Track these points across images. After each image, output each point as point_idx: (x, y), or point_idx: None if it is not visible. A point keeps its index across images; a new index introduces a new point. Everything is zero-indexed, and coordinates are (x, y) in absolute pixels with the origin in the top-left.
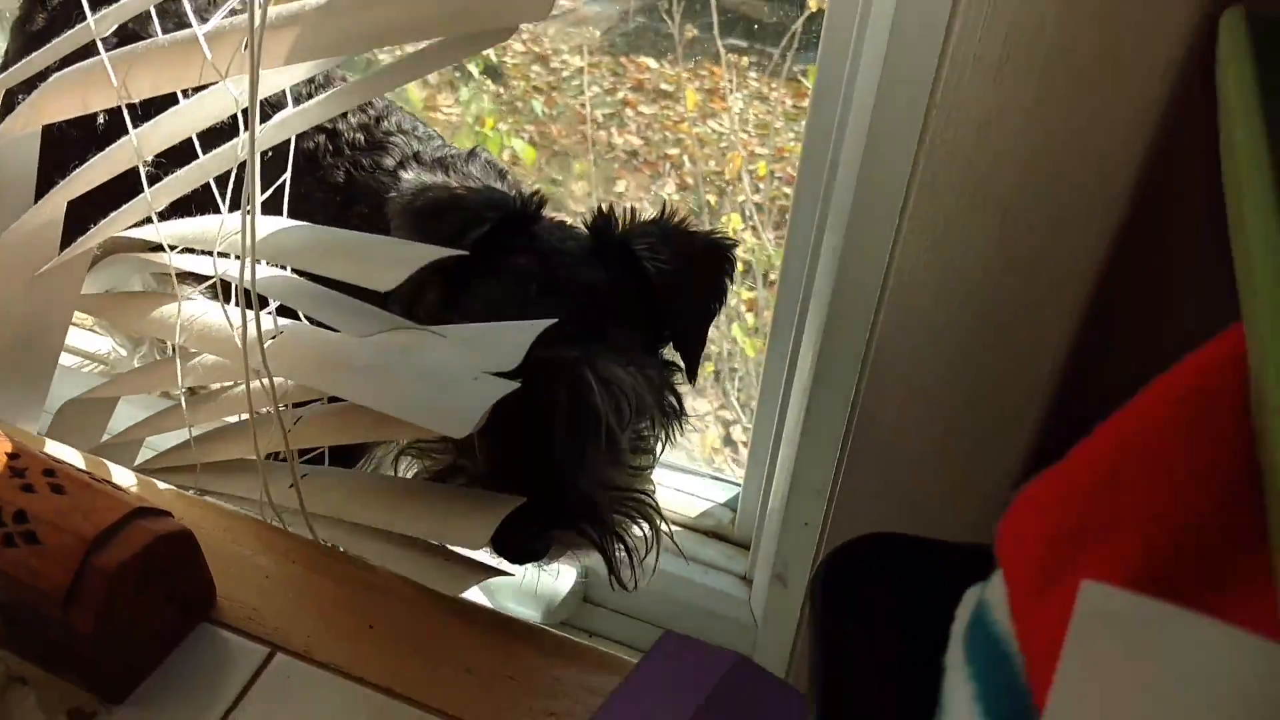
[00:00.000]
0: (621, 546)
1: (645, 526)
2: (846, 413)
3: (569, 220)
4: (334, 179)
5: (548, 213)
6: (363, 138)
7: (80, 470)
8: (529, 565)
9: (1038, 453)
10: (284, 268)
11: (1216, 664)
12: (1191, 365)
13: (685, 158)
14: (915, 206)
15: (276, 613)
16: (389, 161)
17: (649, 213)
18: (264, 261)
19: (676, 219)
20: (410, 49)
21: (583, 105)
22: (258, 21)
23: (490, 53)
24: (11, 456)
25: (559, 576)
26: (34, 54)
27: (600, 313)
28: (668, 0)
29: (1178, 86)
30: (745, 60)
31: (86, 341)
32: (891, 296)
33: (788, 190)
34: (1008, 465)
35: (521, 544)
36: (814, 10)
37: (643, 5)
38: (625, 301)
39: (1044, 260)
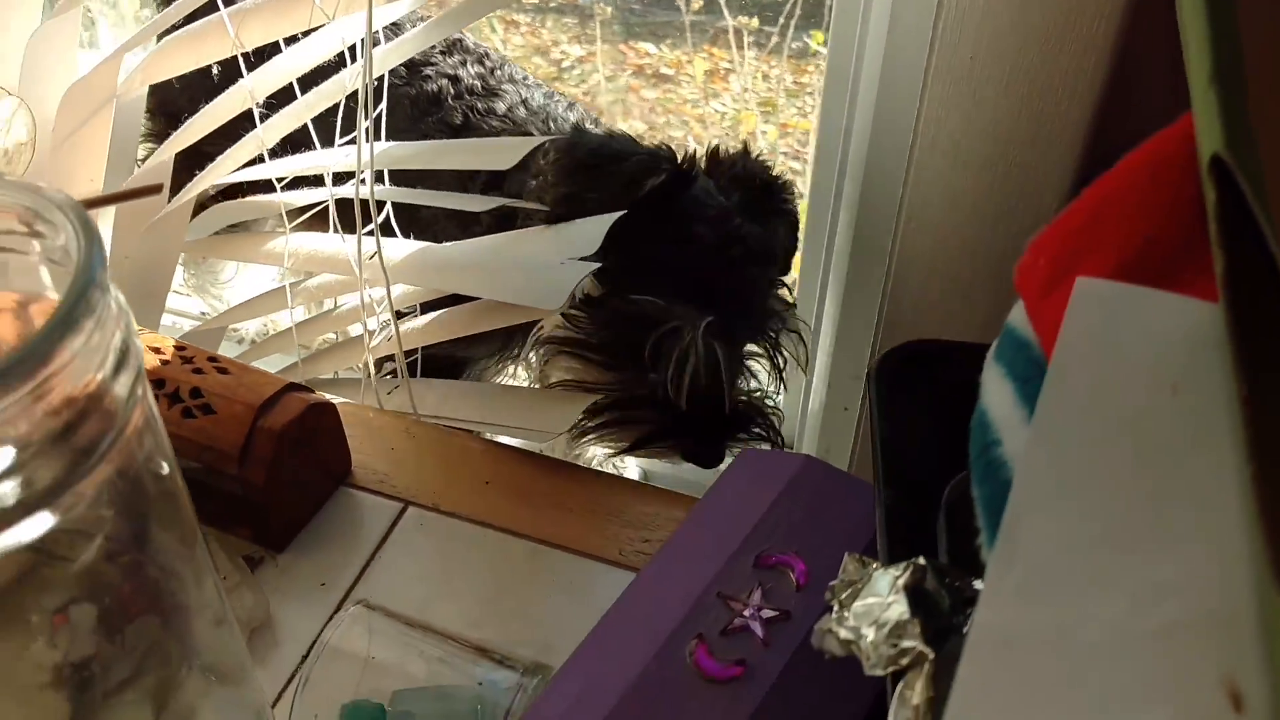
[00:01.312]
0: (777, 435)
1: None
2: (879, 302)
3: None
4: (453, 120)
5: None
6: (480, 84)
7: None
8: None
9: None
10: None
11: (1166, 318)
12: (1153, 140)
13: (690, 139)
14: (934, 72)
15: (405, 476)
16: (500, 106)
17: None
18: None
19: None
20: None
21: (585, 93)
22: None
23: (496, 42)
24: (179, 348)
25: (625, 471)
26: (156, 17)
27: (770, 270)
28: None
29: None
30: (747, 39)
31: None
32: (917, 164)
33: (794, 165)
34: None
35: (714, 454)
36: None
37: None
38: (780, 254)
39: (1043, 116)
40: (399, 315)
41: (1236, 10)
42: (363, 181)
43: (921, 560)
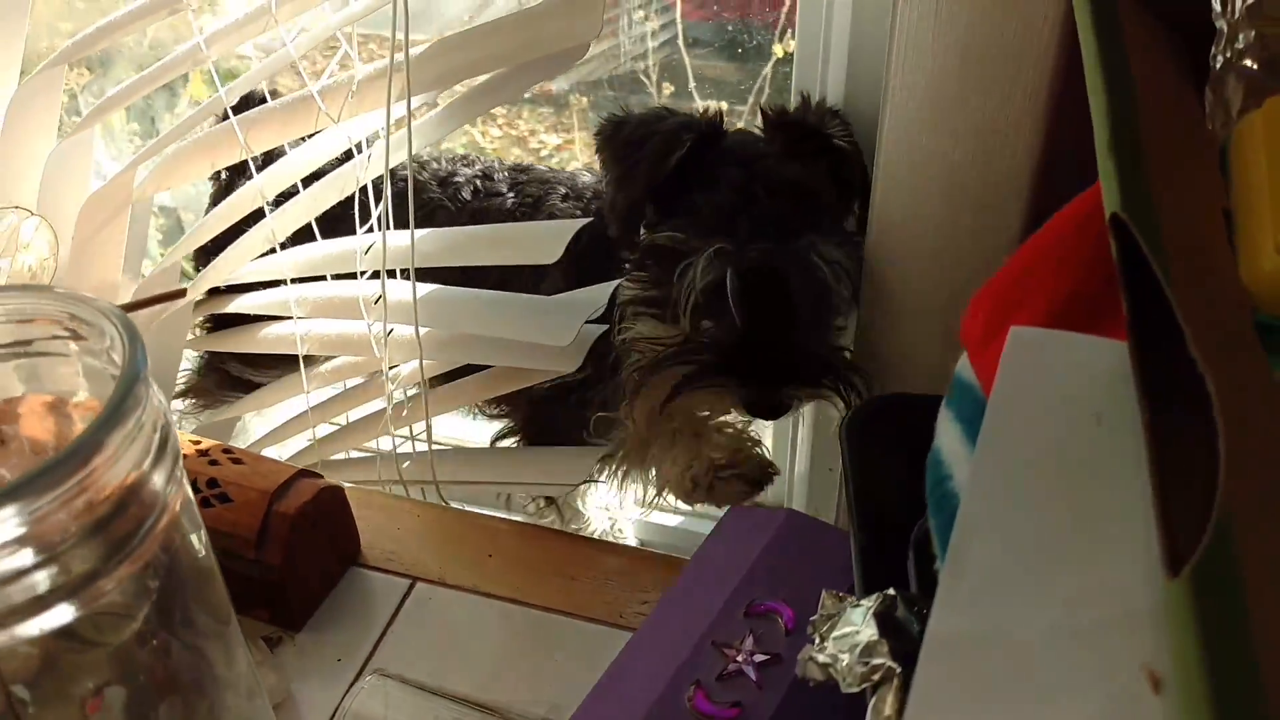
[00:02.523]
0: (853, 391)
1: (858, 380)
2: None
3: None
4: (504, 206)
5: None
6: (516, 176)
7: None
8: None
9: None
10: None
11: (1089, 358)
12: (1074, 202)
13: None
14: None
15: (410, 553)
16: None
17: None
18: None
19: (814, 103)
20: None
21: None
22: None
23: (475, 135)
24: (195, 443)
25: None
26: (168, 130)
27: (811, 205)
28: (644, 63)
29: None
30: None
31: None
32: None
33: None
34: None
35: (773, 402)
36: (780, 56)
37: (611, 78)
38: (825, 190)
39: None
40: (418, 385)
41: (1133, 86)
42: (384, 276)
43: (891, 591)
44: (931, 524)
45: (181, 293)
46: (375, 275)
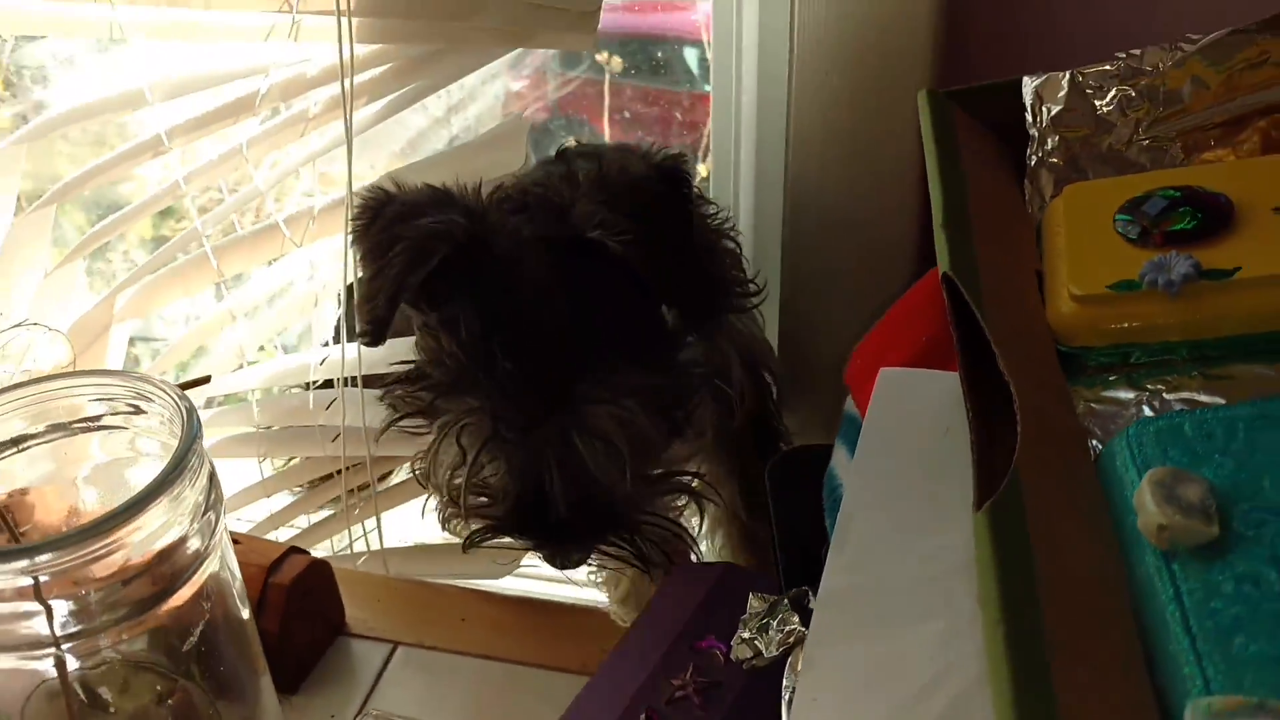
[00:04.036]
0: (656, 549)
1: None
2: None
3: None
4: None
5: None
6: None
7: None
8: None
9: None
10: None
11: (940, 387)
12: (928, 275)
13: None
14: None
15: (391, 621)
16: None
17: None
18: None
19: (615, 167)
20: None
21: None
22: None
23: None
24: None
25: None
26: (147, 260)
27: (573, 349)
28: None
29: None
30: None
31: None
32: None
33: None
34: None
35: (569, 563)
36: (703, 175)
37: None
38: (600, 309)
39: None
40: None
41: (964, 180)
42: (340, 384)
43: (804, 587)
44: (827, 523)
45: (208, 378)
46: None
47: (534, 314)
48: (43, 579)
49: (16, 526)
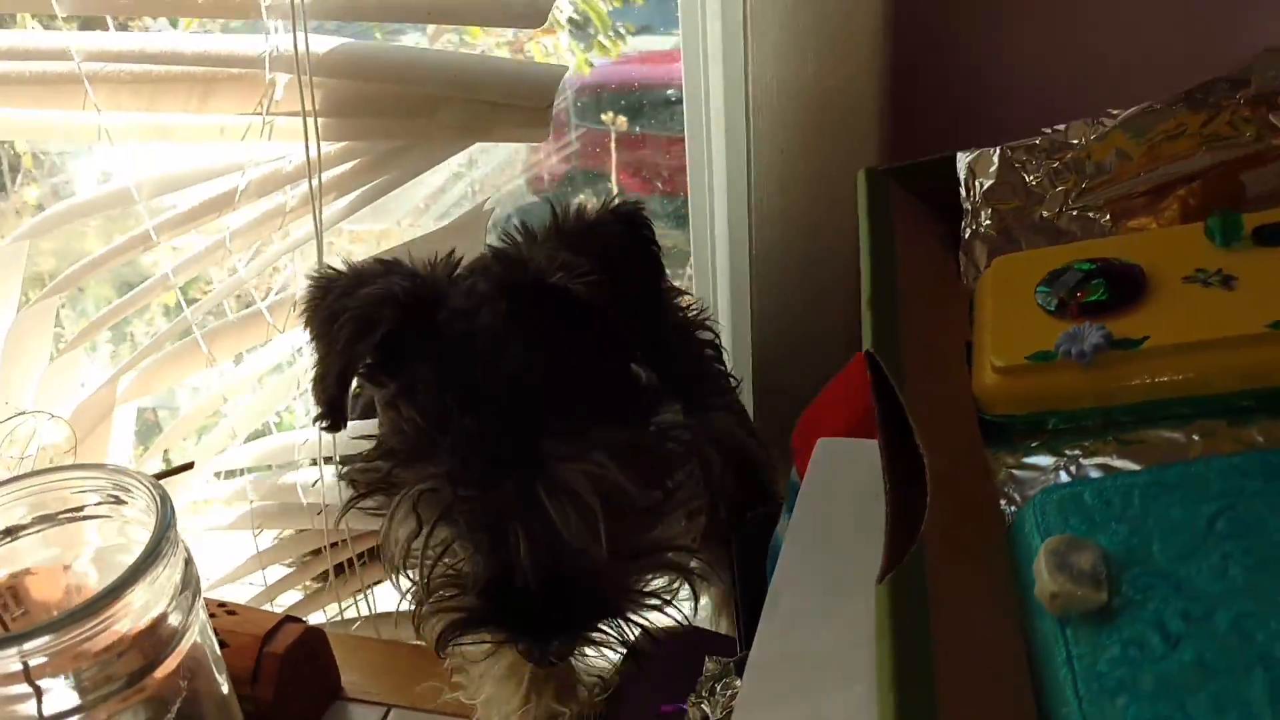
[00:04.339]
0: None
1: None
2: None
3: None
4: None
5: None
6: None
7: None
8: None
9: None
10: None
11: (870, 457)
12: (853, 364)
13: None
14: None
15: (384, 684)
16: None
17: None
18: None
19: (571, 215)
20: None
21: None
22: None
23: None
24: None
25: None
26: (144, 346)
27: (536, 403)
28: None
29: None
30: None
31: None
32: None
33: None
34: None
35: (549, 660)
36: None
37: None
38: (565, 362)
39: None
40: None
41: (895, 256)
42: (321, 464)
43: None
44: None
45: (190, 465)
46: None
47: (492, 365)
48: (33, 663)
49: (15, 608)
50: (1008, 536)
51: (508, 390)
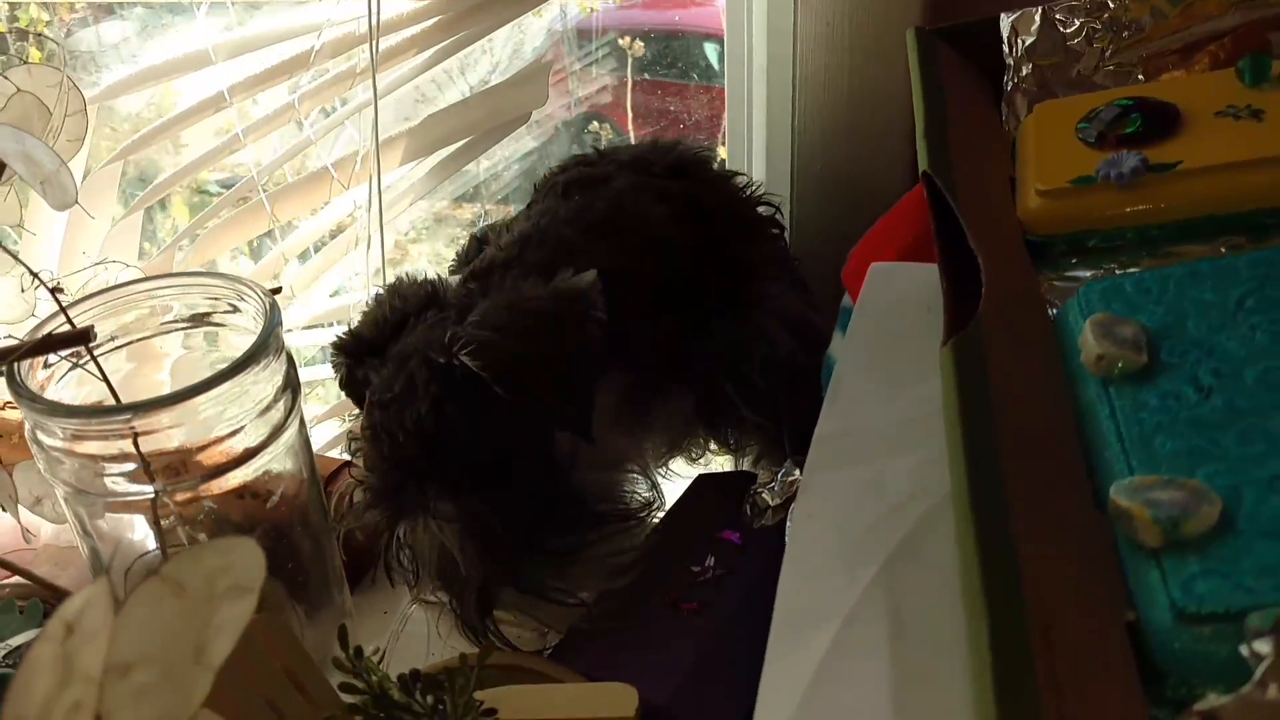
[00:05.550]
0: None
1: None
2: None
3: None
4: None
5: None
6: None
7: None
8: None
9: None
10: None
11: (923, 277)
12: (916, 189)
13: None
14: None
15: None
16: None
17: None
18: None
19: (506, 295)
20: None
21: None
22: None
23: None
24: None
25: None
26: (203, 212)
27: (425, 460)
28: None
29: None
30: None
31: None
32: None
33: None
34: None
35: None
36: None
37: None
38: (460, 430)
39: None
40: None
41: (945, 100)
42: None
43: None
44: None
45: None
46: None
47: (396, 421)
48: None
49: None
50: (1053, 325)
51: (404, 443)
